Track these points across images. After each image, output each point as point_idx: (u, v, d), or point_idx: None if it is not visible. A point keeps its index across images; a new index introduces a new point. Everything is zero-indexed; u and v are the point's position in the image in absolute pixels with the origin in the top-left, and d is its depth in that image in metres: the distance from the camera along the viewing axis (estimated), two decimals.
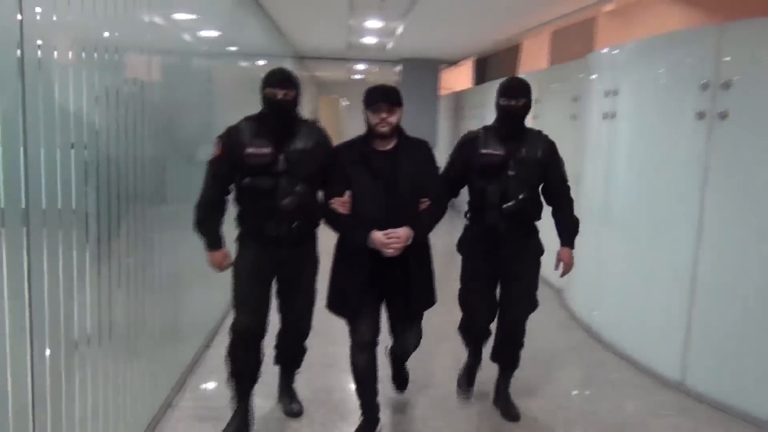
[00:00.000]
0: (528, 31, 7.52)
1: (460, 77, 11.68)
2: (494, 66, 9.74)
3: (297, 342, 2.85)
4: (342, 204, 2.50)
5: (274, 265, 2.62)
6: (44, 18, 1.74)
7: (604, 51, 4.26)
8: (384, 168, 2.48)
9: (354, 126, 2.90)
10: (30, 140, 1.64)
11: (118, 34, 2.29)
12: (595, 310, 4.16)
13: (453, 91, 10.84)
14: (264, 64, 6.16)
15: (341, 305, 2.62)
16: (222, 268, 2.65)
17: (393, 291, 2.60)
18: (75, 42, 1.93)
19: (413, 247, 2.49)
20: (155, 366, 2.81)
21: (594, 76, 4.38)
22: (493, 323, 2.93)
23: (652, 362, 3.53)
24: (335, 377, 3.34)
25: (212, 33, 3.83)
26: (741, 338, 3.03)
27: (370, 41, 8.67)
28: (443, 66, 10.61)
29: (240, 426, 2.66)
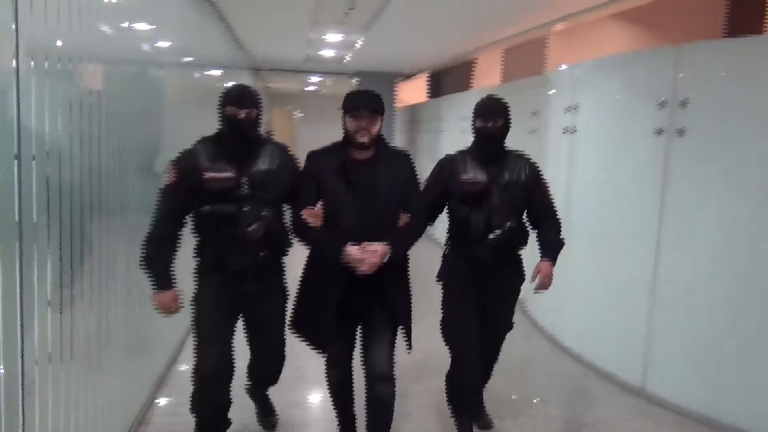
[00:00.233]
0: (482, 48, 7.64)
1: (415, 91, 11.75)
2: (449, 80, 9.84)
3: (269, 376, 2.68)
4: (313, 215, 2.25)
5: (238, 301, 2.36)
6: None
7: (563, 68, 4.34)
8: (361, 178, 2.25)
9: (307, 138, 2.64)
10: None
11: (74, 44, 2.11)
12: (558, 320, 4.19)
13: (408, 105, 10.88)
14: (220, 75, 5.97)
15: (310, 333, 2.38)
16: (170, 312, 2.31)
17: (367, 309, 2.35)
18: (30, 51, 1.77)
19: (389, 266, 2.23)
20: (124, 382, 2.66)
21: (552, 92, 4.46)
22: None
23: (614, 369, 3.58)
24: (307, 390, 3.22)
25: (170, 43, 3.64)
26: (699, 345, 3.10)
27: (328, 54, 8.60)
28: (399, 79, 10.65)
29: None
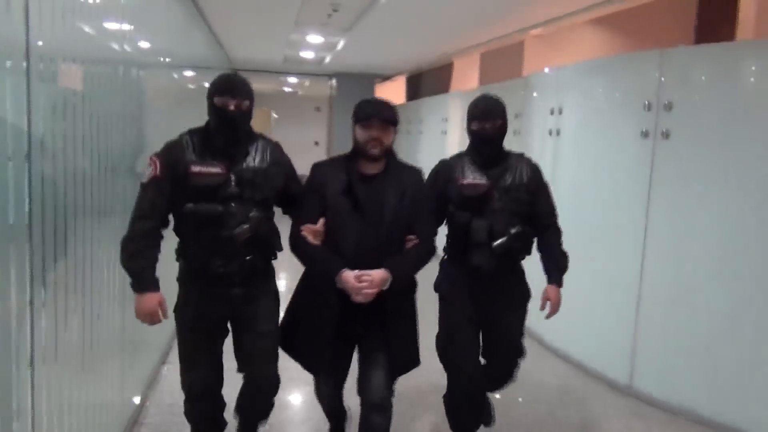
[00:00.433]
0: (461, 51, 7.63)
1: (394, 93, 11.69)
2: (427, 83, 9.81)
3: (264, 398, 2.28)
4: (313, 233, 2.06)
5: (224, 308, 2.13)
6: None
7: (547, 71, 4.33)
8: (368, 197, 2.06)
9: (284, 139, 2.48)
10: None
11: (54, 44, 1.96)
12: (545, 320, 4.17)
13: None
14: (198, 76, 5.79)
15: (299, 354, 2.20)
16: (154, 319, 2.02)
17: (364, 340, 2.17)
18: (6, 51, 1.64)
19: (392, 294, 2.03)
20: (116, 382, 2.56)
21: (535, 94, 4.44)
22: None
23: (602, 368, 3.57)
24: (296, 390, 3.14)
25: (151, 43, 3.47)
26: (685, 343, 3.12)
27: (308, 55, 8.48)
28: (377, 81, 10.58)
29: None
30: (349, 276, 1.98)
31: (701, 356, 3.04)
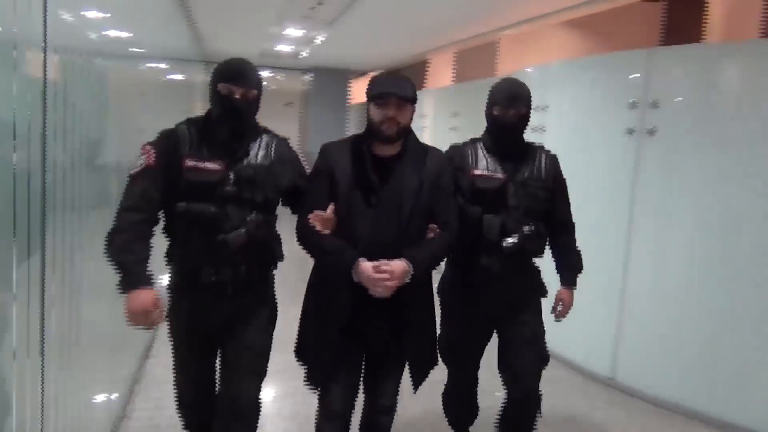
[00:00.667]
0: (436, 49, 7.58)
1: None
2: None
3: (243, 425, 1.91)
4: (322, 220, 1.80)
5: (216, 322, 1.89)
6: None
7: (529, 70, 4.29)
8: (383, 181, 1.81)
9: None
10: None
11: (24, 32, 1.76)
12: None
13: (362, 102, 10.70)
14: (171, 68, 5.54)
15: (311, 359, 1.96)
16: (149, 317, 1.70)
17: (379, 344, 1.92)
18: None
19: (411, 288, 1.79)
20: (102, 377, 2.45)
21: None
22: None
23: (585, 361, 3.58)
24: (282, 384, 3.01)
25: (126, 33, 3.24)
26: (666, 336, 3.14)
27: (285, 49, 8.28)
28: (353, 76, 10.44)
29: None
30: (367, 266, 1.73)
31: (683, 349, 3.07)
